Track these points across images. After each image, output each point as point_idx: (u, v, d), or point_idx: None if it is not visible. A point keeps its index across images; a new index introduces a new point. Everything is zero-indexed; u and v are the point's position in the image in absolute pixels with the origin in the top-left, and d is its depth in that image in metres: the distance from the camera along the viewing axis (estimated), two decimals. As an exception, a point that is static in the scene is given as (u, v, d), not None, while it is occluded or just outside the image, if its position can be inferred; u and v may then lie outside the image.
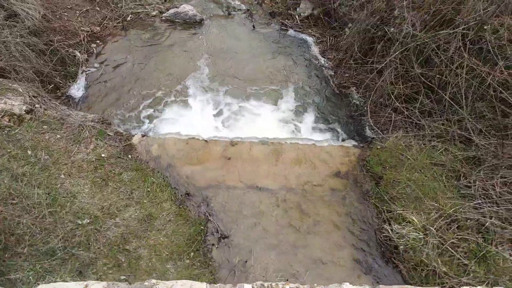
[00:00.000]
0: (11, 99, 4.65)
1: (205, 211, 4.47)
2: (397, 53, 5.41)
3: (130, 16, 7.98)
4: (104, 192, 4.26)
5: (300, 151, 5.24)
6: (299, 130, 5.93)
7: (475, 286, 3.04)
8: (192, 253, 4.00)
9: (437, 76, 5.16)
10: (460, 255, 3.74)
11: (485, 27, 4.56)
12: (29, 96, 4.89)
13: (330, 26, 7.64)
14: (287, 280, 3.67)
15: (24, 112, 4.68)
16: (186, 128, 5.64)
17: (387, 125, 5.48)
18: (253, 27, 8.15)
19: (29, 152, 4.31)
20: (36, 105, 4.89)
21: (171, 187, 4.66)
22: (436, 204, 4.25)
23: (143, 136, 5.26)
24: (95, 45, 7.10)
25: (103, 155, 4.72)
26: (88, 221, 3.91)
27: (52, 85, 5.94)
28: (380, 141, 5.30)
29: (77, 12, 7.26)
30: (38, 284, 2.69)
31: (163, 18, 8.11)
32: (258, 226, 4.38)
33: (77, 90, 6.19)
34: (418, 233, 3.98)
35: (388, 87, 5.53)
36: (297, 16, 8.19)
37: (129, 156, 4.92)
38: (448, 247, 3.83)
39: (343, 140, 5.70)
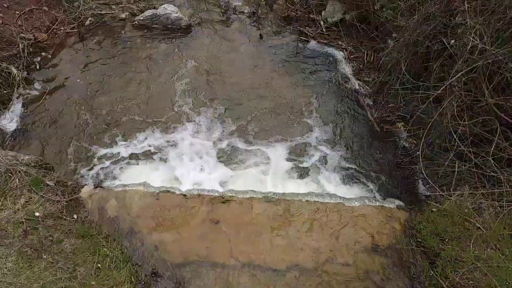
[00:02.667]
0: None
1: (179, 301, 3.98)
2: (460, 74, 5.29)
3: (89, 19, 7.88)
4: (34, 268, 4.08)
5: (321, 213, 5.13)
6: (320, 182, 5.83)
7: None
8: None
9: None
10: None
11: None
12: None
13: (368, 36, 7.68)
14: None
15: None
16: (157, 176, 5.62)
17: (448, 178, 5.39)
18: (260, 36, 8.12)
19: None
20: None
21: (131, 263, 4.53)
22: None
23: (96, 187, 5.18)
24: (39, 58, 7.07)
25: (37, 213, 4.63)
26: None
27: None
28: (437, 201, 5.22)
29: (17, 12, 7.16)
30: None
31: (136, 23, 8.04)
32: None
33: (9, 120, 6.17)
34: None
35: (450, 123, 5.40)
36: (322, 22, 8.23)
37: (75, 216, 4.84)
38: None
39: (383, 198, 5.64)
